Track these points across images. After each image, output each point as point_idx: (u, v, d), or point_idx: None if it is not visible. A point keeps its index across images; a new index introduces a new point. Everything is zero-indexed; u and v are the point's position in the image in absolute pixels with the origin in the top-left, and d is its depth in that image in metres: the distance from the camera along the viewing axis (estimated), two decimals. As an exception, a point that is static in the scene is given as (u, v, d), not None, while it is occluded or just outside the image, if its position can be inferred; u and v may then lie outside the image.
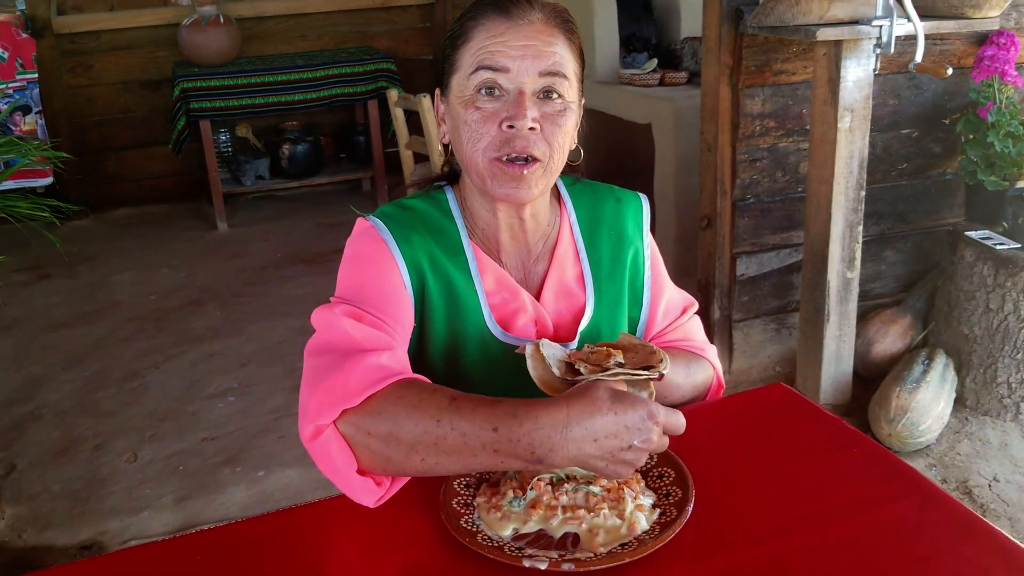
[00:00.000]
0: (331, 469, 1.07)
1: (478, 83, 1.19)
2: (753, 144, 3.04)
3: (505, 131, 1.19)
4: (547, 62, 1.19)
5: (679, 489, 1.11)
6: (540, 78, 1.19)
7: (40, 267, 4.57)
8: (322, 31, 5.66)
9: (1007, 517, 2.45)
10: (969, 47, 3.13)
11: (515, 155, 1.19)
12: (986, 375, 2.86)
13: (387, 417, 1.04)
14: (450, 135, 1.28)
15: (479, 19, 1.21)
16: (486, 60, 1.19)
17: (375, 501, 1.08)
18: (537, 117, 1.19)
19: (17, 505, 2.65)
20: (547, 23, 1.21)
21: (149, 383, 3.36)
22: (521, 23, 1.19)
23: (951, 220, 3.33)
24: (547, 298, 1.33)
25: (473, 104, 1.20)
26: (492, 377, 1.29)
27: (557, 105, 1.21)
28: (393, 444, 1.04)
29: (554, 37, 1.21)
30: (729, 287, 3.20)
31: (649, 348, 1.13)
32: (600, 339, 1.34)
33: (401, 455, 1.04)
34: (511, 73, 1.18)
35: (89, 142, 5.34)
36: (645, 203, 1.43)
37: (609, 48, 4.06)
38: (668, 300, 1.44)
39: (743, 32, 2.88)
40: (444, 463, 1.04)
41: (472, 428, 1.01)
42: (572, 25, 1.25)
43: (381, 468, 1.07)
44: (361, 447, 1.05)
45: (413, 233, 1.27)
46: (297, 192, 5.62)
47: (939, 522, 1.09)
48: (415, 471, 1.06)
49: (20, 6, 4.99)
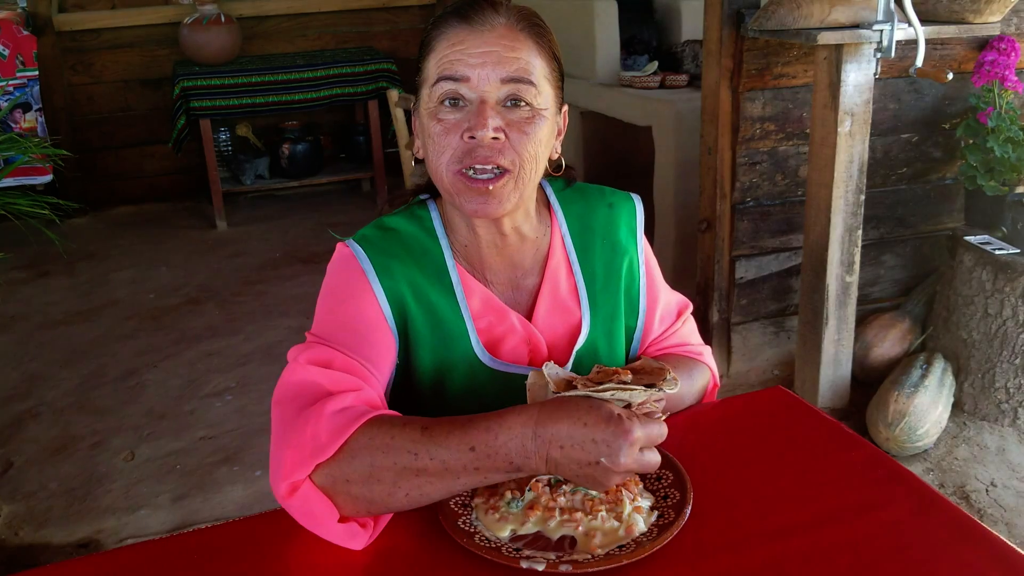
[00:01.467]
0: (312, 523, 1.04)
1: (440, 94, 1.15)
2: (753, 147, 3.04)
3: (467, 142, 1.14)
4: (510, 68, 1.14)
5: (677, 491, 1.11)
6: (503, 85, 1.14)
7: (39, 265, 4.57)
8: (323, 31, 5.66)
9: (1004, 522, 2.45)
10: (970, 52, 3.13)
11: (479, 166, 1.15)
12: (984, 380, 2.86)
13: (363, 460, 1.02)
14: (421, 149, 1.23)
15: (441, 28, 1.17)
16: (446, 70, 1.14)
17: (363, 543, 1.06)
18: (501, 126, 1.14)
19: (14, 502, 2.65)
20: (511, 28, 1.16)
21: (147, 381, 3.36)
22: (482, 29, 1.15)
23: (950, 225, 3.33)
24: (540, 316, 1.29)
25: (436, 116, 1.16)
26: (481, 404, 1.23)
27: (524, 112, 1.16)
28: (375, 485, 1.02)
29: (518, 42, 1.16)
30: (728, 290, 3.20)
31: (664, 372, 1.10)
32: (597, 356, 1.31)
33: (384, 494, 1.03)
34: (471, 82, 1.14)
35: (89, 140, 5.34)
36: (638, 204, 1.38)
37: (610, 50, 4.06)
38: (664, 305, 1.41)
39: (744, 35, 2.88)
40: (429, 492, 1.03)
41: (450, 454, 1.01)
42: (542, 28, 1.20)
43: (365, 511, 1.05)
44: (341, 495, 1.03)
45: (394, 261, 1.23)
46: (297, 192, 5.61)
47: (936, 526, 1.08)
48: (401, 506, 1.05)
49: (21, 3, 5.00)
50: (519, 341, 1.27)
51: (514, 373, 1.26)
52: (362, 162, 5.51)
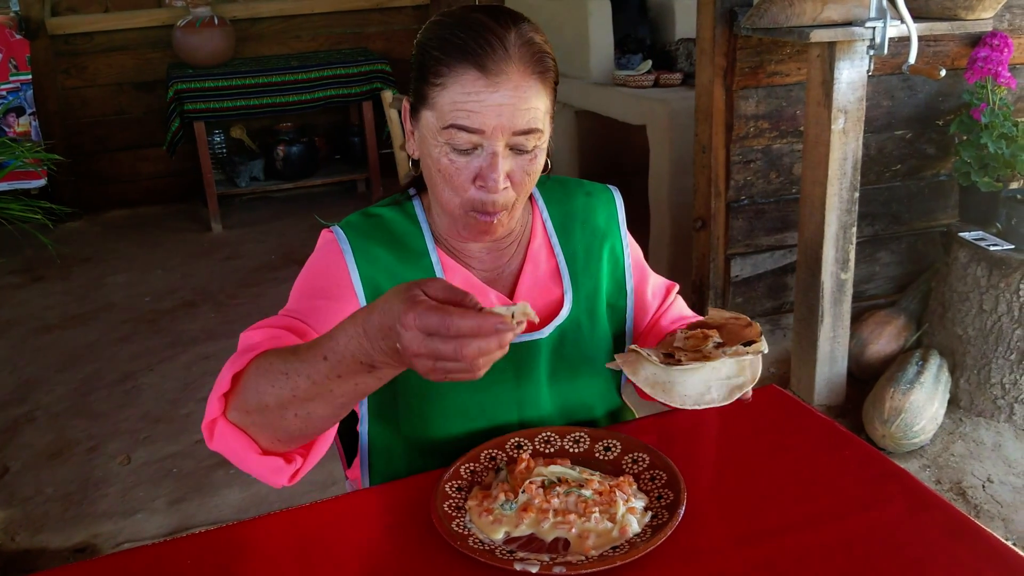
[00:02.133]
0: (236, 458, 1.08)
1: (450, 138, 1.16)
2: (747, 145, 3.04)
3: (478, 188, 1.17)
4: (522, 121, 1.15)
5: (671, 492, 1.11)
6: (514, 136, 1.16)
7: (33, 269, 4.56)
8: (317, 32, 5.65)
9: (1001, 518, 2.45)
10: (962, 48, 3.13)
11: (488, 212, 1.19)
12: (980, 376, 2.87)
13: (251, 389, 1.05)
14: (419, 155, 1.25)
15: (453, 67, 1.14)
16: (460, 120, 1.14)
17: (289, 479, 1.10)
18: (509, 172, 1.18)
19: (10, 508, 2.65)
20: (523, 73, 1.15)
21: (143, 385, 3.36)
22: (498, 80, 1.13)
23: (945, 221, 3.34)
24: (521, 293, 1.33)
25: (446, 155, 1.17)
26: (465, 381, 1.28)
27: (529, 156, 1.19)
28: (266, 412, 1.04)
29: (530, 89, 1.15)
30: (723, 288, 3.20)
31: (742, 320, 1.14)
32: (580, 332, 1.34)
33: (277, 419, 1.04)
34: (485, 134, 1.15)
35: (83, 143, 5.32)
36: (617, 195, 1.43)
37: (603, 50, 4.06)
38: (653, 285, 1.46)
39: (737, 33, 2.88)
40: (315, 410, 1.03)
41: (310, 367, 1.00)
42: (548, 62, 1.19)
43: (274, 439, 1.07)
44: (249, 427, 1.07)
45: (374, 244, 1.27)
46: (292, 193, 5.61)
47: (930, 524, 1.09)
48: (298, 430, 1.05)
49: (14, 7, 4.98)
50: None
51: None
52: (357, 163, 5.51)
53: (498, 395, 1.29)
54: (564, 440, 1.24)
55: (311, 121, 5.58)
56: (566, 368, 1.34)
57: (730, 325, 1.15)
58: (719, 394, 1.06)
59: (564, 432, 1.25)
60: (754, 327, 1.13)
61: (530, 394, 1.31)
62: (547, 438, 1.24)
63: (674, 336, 1.19)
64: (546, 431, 1.25)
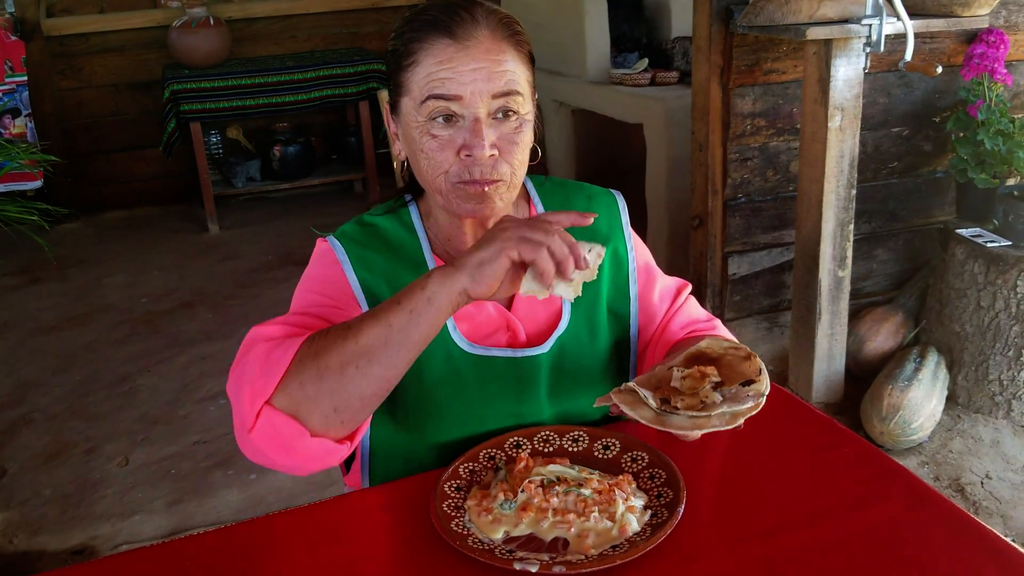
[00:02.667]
0: (285, 448, 1.05)
1: (430, 112, 1.16)
2: (744, 143, 3.04)
3: (464, 159, 1.16)
4: (500, 83, 1.15)
5: (670, 490, 1.11)
6: (494, 100, 1.15)
7: (30, 271, 4.55)
8: (312, 32, 5.65)
9: (999, 514, 2.45)
10: (959, 45, 3.13)
11: (476, 181, 1.17)
12: (978, 372, 2.87)
13: (309, 363, 1.05)
14: (406, 153, 1.25)
15: (423, 41, 1.16)
16: (436, 89, 1.14)
17: (341, 457, 1.09)
18: (495, 141, 1.16)
19: (8, 510, 2.64)
20: (494, 38, 1.16)
21: (140, 386, 3.35)
22: (468, 44, 1.15)
23: (942, 218, 3.34)
24: (520, 302, 1.30)
25: (428, 132, 1.17)
26: (459, 388, 1.27)
27: (513, 123, 1.18)
28: (327, 375, 1.04)
29: (503, 53, 1.16)
30: (721, 286, 3.20)
31: (742, 351, 1.12)
32: (580, 343, 1.32)
33: (335, 378, 1.04)
34: (463, 100, 1.14)
35: (79, 145, 5.32)
36: (619, 198, 1.41)
37: (600, 48, 4.06)
38: (661, 287, 1.42)
39: (733, 31, 2.88)
40: (380, 358, 1.05)
41: (384, 315, 1.05)
42: (519, 31, 1.21)
43: (329, 412, 1.05)
44: (302, 404, 1.04)
45: (371, 253, 1.26)
46: (288, 194, 5.60)
47: (930, 521, 1.09)
48: (359, 390, 1.05)
49: (9, 8, 4.97)
50: (497, 327, 1.29)
51: (493, 357, 1.27)
52: (354, 163, 5.50)
53: (497, 408, 1.28)
54: (563, 439, 1.24)
55: (307, 121, 5.57)
56: (566, 381, 1.32)
57: (729, 357, 1.13)
58: (721, 422, 1.05)
59: (563, 431, 1.25)
60: (754, 362, 1.10)
61: (530, 408, 1.30)
62: (546, 437, 1.24)
63: (671, 373, 1.14)
64: (545, 430, 1.25)
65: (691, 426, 1.04)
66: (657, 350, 1.40)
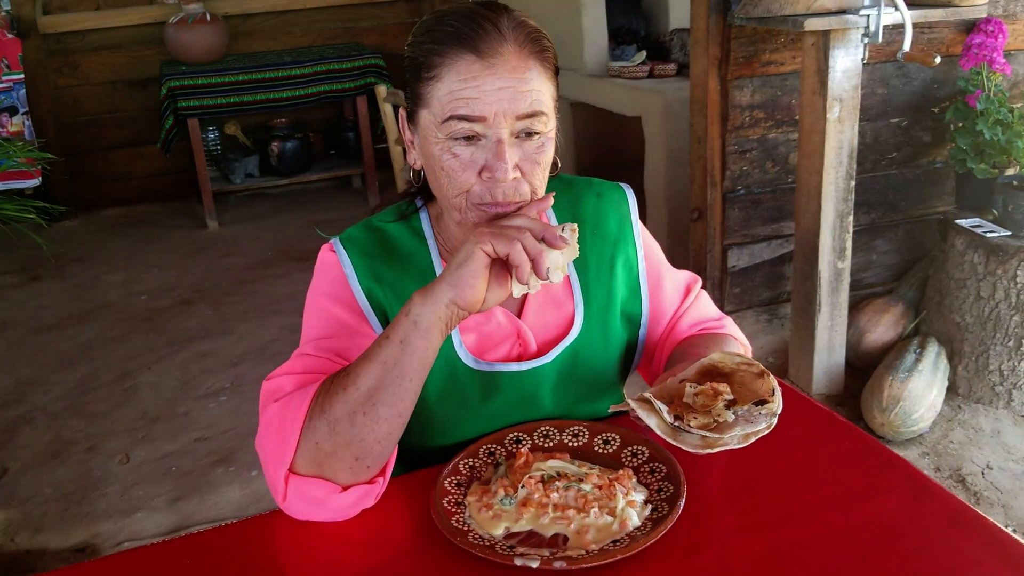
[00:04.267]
0: (319, 507, 1.09)
1: (451, 131, 1.11)
2: (743, 135, 3.04)
3: (485, 180, 1.12)
4: (524, 103, 1.10)
5: (671, 485, 1.11)
6: (518, 121, 1.10)
7: (29, 269, 4.55)
8: (309, 27, 5.64)
9: (1000, 504, 2.45)
10: (957, 35, 3.13)
11: (498, 204, 1.13)
12: (978, 363, 2.87)
13: (319, 422, 1.06)
14: (421, 163, 1.20)
15: (446, 55, 1.10)
16: (459, 109, 1.09)
17: (376, 497, 1.11)
18: (517, 162, 1.12)
19: (9, 508, 2.64)
20: (520, 54, 1.11)
21: (140, 384, 3.35)
22: (494, 61, 1.09)
23: (941, 208, 3.33)
24: (531, 310, 1.28)
25: (448, 150, 1.12)
26: (462, 403, 1.25)
27: (536, 143, 1.13)
28: (338, 428, 1.05)
29: (529, 71, 1.11)
30: (720, 279, 3.20)
31: (755, 368, 1.11)
32: (592, 348, 1.30)
33: (347, 430, 1.05)
34: (487, 121, 1.09)
35: (77, 142, 5.31)
36: (629, 193, 1.37)
37: (597, 41, 4.05)
38: (671, 285, 1.39)
39: (731, 23, 2.87)
40: (384, 398, 1.06)
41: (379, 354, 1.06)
42: (544, 43, 1.16)
43: (352, 463, 1.07)
44: (324, 463, 1.07)
45: (377, 262, 1.24)
46: (287, 189, 5.60)
47: (931, 514, 1.08)
48: (373, 435, 1.06)
49: (5, 6, 4.96)
50: (506, 336, 1.27)
51: (497, 372, 1.25)
52: (352, 158, 5.50)
53: (501, 423, 1.26)
54: (563, 434, 1.24)
55: (305, 117, 5.57)
56: (576, 388, 1.30)
57: (741, 373, 1.12)
58: (734, 440, 1.05)
59: (563, 426, 1.25)
60: (767, 380, 1.08)
61: (536, 417, 1.28)
62: (546, 432, 1.24)
63: (683, 387, 1.13)
64: (545, 425, 1.25)
65: (704, 445, 1.03)
66: (665, 350, 1.38)
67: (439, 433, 1.27)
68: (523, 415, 1.28)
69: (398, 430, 1.08)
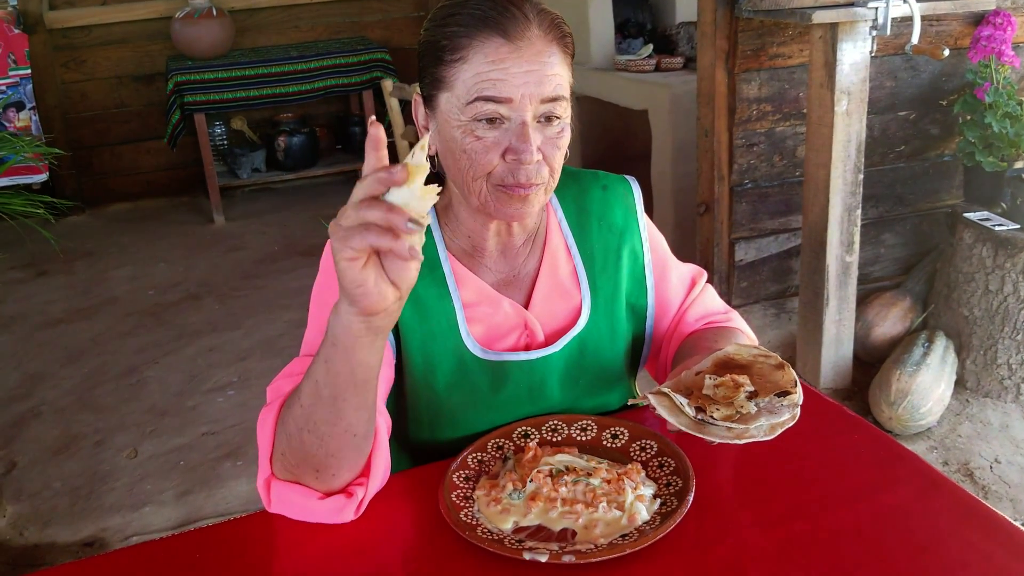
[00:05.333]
0: (300, 511, 1.08)
1: (476, 113, 1.12)
2: (750, 129, 3.03)
3: (509, 162, 1.13)
4: (549, 87, 1.12)
5: (679, 479, 1.11)
6: (541, 104, 1.12)
7: (37, 264, 4.56)
8: (315, 22, 5.63)
9: (1009, 498, 2.45)
10: (966, 27, 3.11)
11: (521, 186, 1.14)
12: (986, 356, 2.86)
13: (280, 431, 1.06)
14: (439, 151, 1.21)
15: (474, 38, 1.12)
16: (487, 90, 1.11)
17: (353, 514, 1.08)
18: (539, 145, 1.13)
19: (18, 503, 2.65)
20: (544, 39, 1.14)
21: (148, 378, 3.36)
22: (521, 44, 1.11)
23: (949, 202, 3.32)
24: (538, 299, 1.29)
25: (471, 132, 1.13)
26: (471, 393, 1.25)
27: (556, 127, 1.15)
28: (293, 443, 1.03)
29: (552, 55, 1.14)
30: (728, 273, 3.19)
31: (772, 359, 1.11)
32: (599, 338, 1.30)
33: (299, 446, 1.03)
34: (513, 103, 1.11)
35: (83, 137, 5.32)
36: (634, 185, 1.38)
37: (604, 34, 4.04)
38: (676, 277, 1.40)
39: (738, 16, 2.86)
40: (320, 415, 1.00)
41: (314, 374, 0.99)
42: (565, 30, 1.19)
43: (314, 473, 1.05)
44: (295, 472, 1.06)
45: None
46: (293, 184, 5.60)
47: (940, 508, 1.08)
48: (323, 450, 1.03)
49: (12, 2, 4.97)
50: (513, 327, 1.27)
51: (505, 361, 1.25)
52: (358, 153, 5.48)
53: (510, 412, 1.26)
54: (571, 428, 1.24)
55: (312, 111, 5.57)
56: (584, 378, 1.30)
57: (759, 365, 1.11)
58: (760, 432, 1.04)
59: (571, 420, 1.25)
60: (787, 372, 1.09)
61: (544, 409, 1.28)
62: (554, 426, 1.24)
63: (701, 380, 1.12)
64: (553, 419, 1.25)
65: (731, 436, 1.03)
66: (672, 344, 1.38)
67: (449, 425, 1.27)
68: (532, 405, 1.28)
69: (354, 443, 1.04)
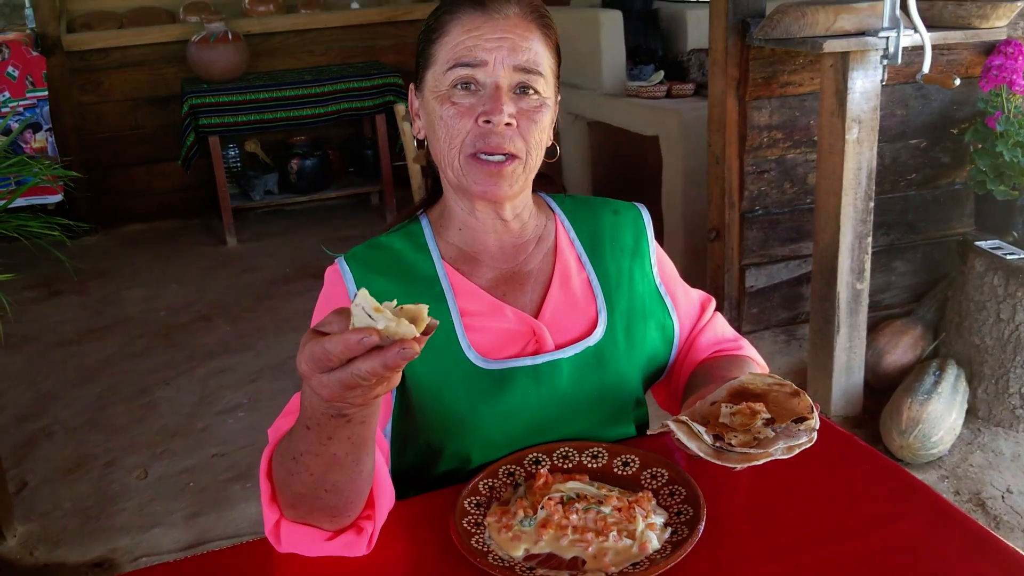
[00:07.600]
0: (310, 550, 1.07)
1: (454, 78, 1.19)
2: (761, 156, 3.04)
3: (481, 126, 1.18)
4: (523, 57, 1.18)
5: (690, 507, 1.11)
6: (515, 73, 1.18)
7: (50, 284, 4.59)
8: (329, 46, 5.69)
9: (1021, 529, 2.43)
10: (976, 57, 3.12)
11: (491, 151, 1.19)
12: (998, 386, 2.85)
13: (283, 485, 1.03)
14: (425, 130, 1.27)
15: (455, 13, 1.20)
16: (463, 55, 1.18)
17: (364, 548, 1.08)
18: (514, 113, 1.18)
19: (29, 522, 2.66)
20: (523, 17, 1.21)
21: (159, 399, 3.37)
22: (497, 17, 1.19)
23: (961, 230, 3.32)
24: (550, 307, 1.29)
25: (449, 99, 1.19)
26: (479, 404, 1.25)
27: (533, 101, 1.20)
28: (305, 500, 1.02)
29: (530, 32, 1.20)
30: (738, 299, 3.19)
31: (787, 387, 1.11)
32: (617, 352, 1.30)
33: (316, 502, 1.02)
34: (488, 67, 1.18)
35: (99, 159, 5.36)
36: (644, 212, 1.41)
37: (615, 60, 4.07)
38: (688, 303, 1.41)
39: (750, 44, 2.88)
40: (335, 478, 0.99)
41: (305, 443, 0.96)
42: (548, 20, 1.25)
43: (330, 519, 1.05)
44: (306, 517, 1.05)
45: (378, 276, 1.25)
46: (306, 207, 5.63)
47: (951, 539, 1.08)
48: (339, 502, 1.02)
49: (30, 24, 5.03)
50: (518, 336, 1.26)
51: (508, 368, 1.25)
52: (370, 176, 5.53)
53: (520, 419, 1.26)
54: (582, 455, 1.24)
55: (325, 134, 5.61)
56: (599, 389, 1.30)
57: (774, 394, 1.12)
58: (778, 451, 1.05)
59: (582, 447, 1.25)
60: (803, 399, 1.09)
61: (555, 415, 1.27)
62: (565, 453, 1.24)
63: (717, 409, 1.12)
64: (564, 446, 1.25)
65: (747, 459, 1.03)
66: (684, 370, 1.38)
67: (458, 432, 1.25)
68: (541, 412, 1.26)
69: (360, 488, 1.03)
